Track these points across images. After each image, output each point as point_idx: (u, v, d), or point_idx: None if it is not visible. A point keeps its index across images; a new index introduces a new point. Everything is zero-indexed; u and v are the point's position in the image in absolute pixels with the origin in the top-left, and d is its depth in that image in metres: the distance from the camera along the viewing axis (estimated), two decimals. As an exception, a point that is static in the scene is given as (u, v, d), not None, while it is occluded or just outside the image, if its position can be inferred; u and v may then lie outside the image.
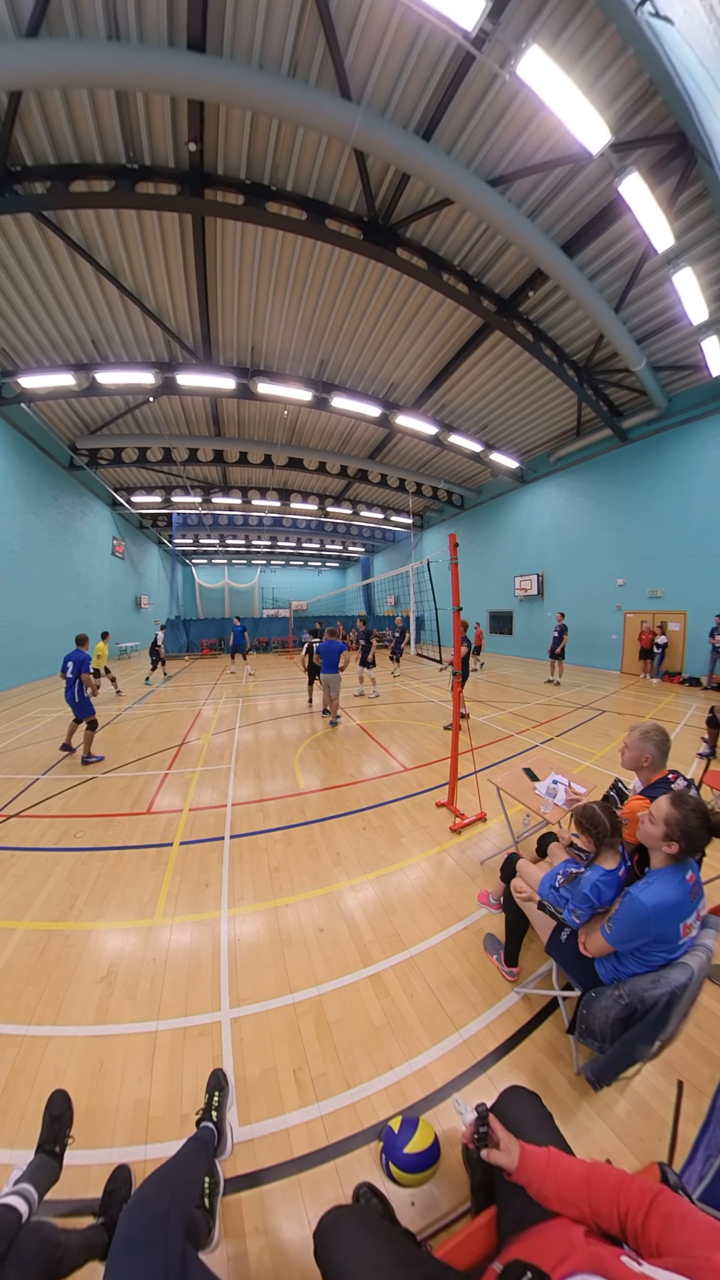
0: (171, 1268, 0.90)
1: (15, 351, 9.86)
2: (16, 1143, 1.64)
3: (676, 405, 11.60)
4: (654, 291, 8.38)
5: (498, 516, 19.26)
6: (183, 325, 9.57)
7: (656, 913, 1.57)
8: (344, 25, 4.98)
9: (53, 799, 4.76)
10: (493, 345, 10.55)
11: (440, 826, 4.06)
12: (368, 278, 8.49)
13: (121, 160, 6.20)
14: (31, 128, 5.75)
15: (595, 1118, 1.73)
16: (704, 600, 11.22)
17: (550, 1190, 0.99)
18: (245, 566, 35.45)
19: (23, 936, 2.72)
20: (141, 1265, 0.91)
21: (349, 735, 7.10)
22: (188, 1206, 1.12)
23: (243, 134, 6.02)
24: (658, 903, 1.58)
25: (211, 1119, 1.58)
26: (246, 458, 16.32)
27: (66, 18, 4.77)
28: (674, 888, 1.60)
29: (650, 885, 1.63)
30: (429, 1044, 2.03)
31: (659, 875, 1.66)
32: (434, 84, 5.49)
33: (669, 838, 1.61)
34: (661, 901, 1.58)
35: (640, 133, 5.74)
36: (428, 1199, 1.51)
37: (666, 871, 1.65)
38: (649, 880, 1.66)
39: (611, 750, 6.07)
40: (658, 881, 1.64)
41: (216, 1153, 1.52)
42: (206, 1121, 1.57)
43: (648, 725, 2.35)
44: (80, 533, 16.24)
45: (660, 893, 1.60)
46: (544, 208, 6.99)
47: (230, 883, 3.27)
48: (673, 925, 1.59)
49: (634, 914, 1.60)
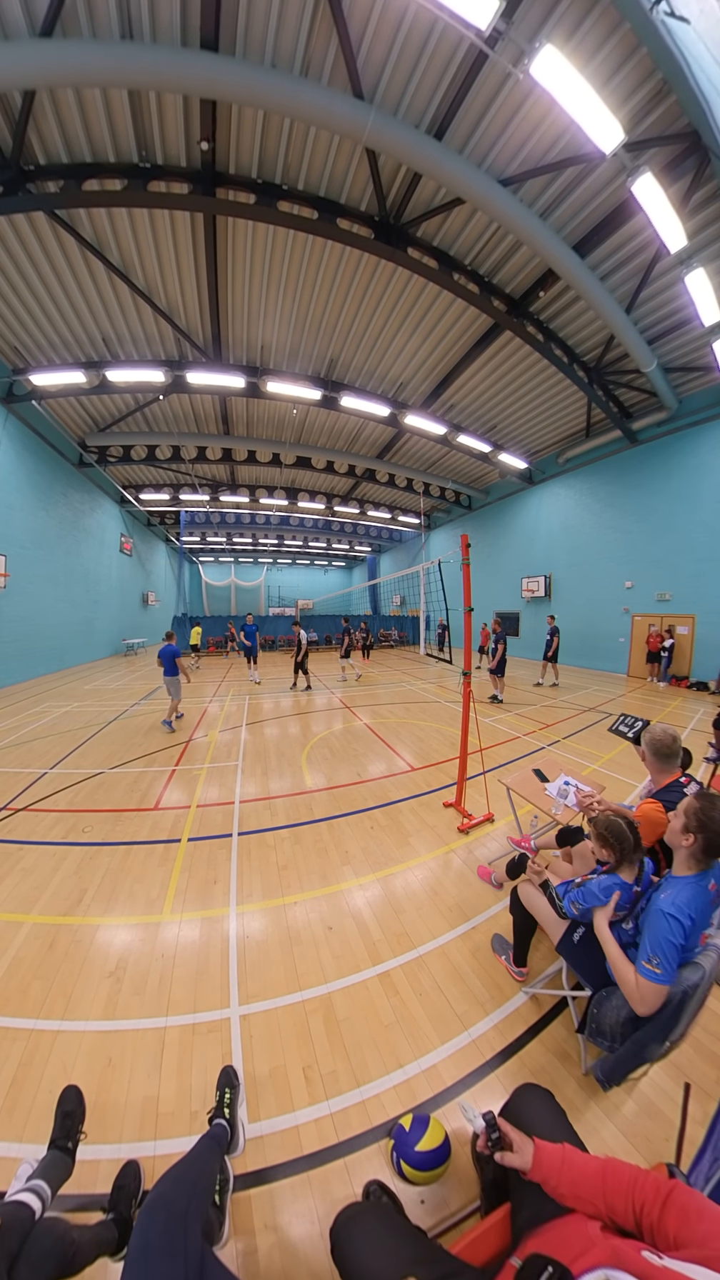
0: (191, 1265, 0.91)
1: (27, 349, 9.94)
2: (24, 1137, 1.65)
3: (687, 407, 11.52)
4: (666, 292, 8.33)
5: (505, 517, 19.20)
6: (193, 324, 9.61)
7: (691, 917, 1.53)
8: (357, 24, 4.98)
9: (60, 793, 4.78)
10: (502, 345, 10.53)
11: (448, 826, 4.05)
12: (378, 277, 8.49)
13: (134, 159, 6.23)
14: (45, 127, 5.80)
15: (603, 1118, 1.73)
16: (713, 604, 11.15)
17: (566, 1187, 0.99)
18: (252, 565, 35.55)
19: (31, 930, 2.74)
20: (163, 1263, 0.92)
21: (356, 735, 7.10)
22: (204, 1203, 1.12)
23: (255, 133, 6.03)
24: (683, 906, 1.55)
25: (224, 1116, 1.58)
26: (255, 456, 16.36)
27: (80, 17, 4.80)
28: (699, 894, 1.57)
29: (675, 893, 1.59)
30: (438, 1043, 2.03)
31: (679, 883, 1.62)
32: (446, 83, 5.49)
33: (687, 829, 1.60)
34: (689, 905, 1.55)
35: (653, 132, 5.71)
36: (437, 1197, 1.51)
37: (690, 879, 1.61)
38: (674, 890, 1.61)
39: (618, 753, 6.04)
40: (679, 888, 1.60)
41: (229, 1150, 1.52)
42: (219, 1119, 1.57)
43: (654, 727, 2.34)
44: (89, 529, 16.33)
45: (687, 899, 1.56)
46: (555, 208, 6.96)
47: (239, 879, 3.27)
48: (696, 935, 1.57)
49: (672, 930, 1.53)
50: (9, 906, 2.96)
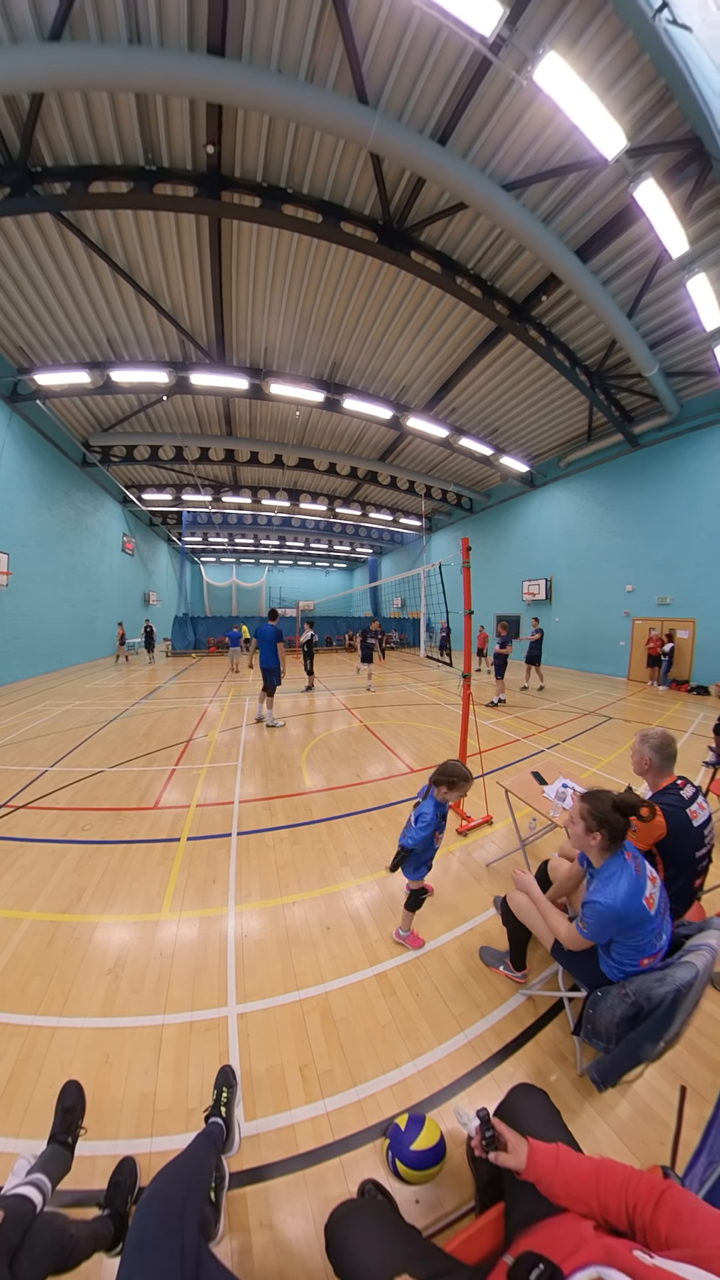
0: (188, 1261, 0.92)
1: (31, 349, 9.99)
2: (22, 1132, 1.65)
3: (689, 411, 11.55)
4: (668, 297, 8.36)
5: (507, 520, 19.23)
6: (197, 325, 9.66)
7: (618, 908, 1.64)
8: (362, 30, 5.02)
9: (61, 791, 4.79)
10: (505, 349, 10.56)
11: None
12: (381, 281, 8.53)
13: (140, 162, 6.28)
14: (52, 129, 5.84)
15: (598, 1119, 1.73)
16: (714, 608, 11.16)
17: (559, 1187, 0.99)
18: (253, 565, 35.59)
19: (30, 927, 2.74)
20: (158, 1259, 0.92)
21: (355, 736, 7.10)
22: (201, 1200, 1.13)
23: (260, 137, 6.07)
24: (612, 900, 1.65)
25: (220, 1115, 1.59)
26: (257, 457, 16.41)
27: (89, 21, 4.85)
28: (621, 877, 1.67)
29: (603, 885, 1.70)
30: (435, 1043, 2.03)
31: (603, 872, 1.73)
32: (450, 89, 5.52)
33: (589, 830, 1.72)
34: (615, 896, 1.65)
35: (656, 138, 5.74)
36: (431, 1196, 1.51)
37: (609, 865, 1.73)
38: (601, 881, 1.72)
39: (617, 756, 6.04)
40: (605, 879, 1.71)
41: (224, 1148, 1.52)
42: (215, 1117, 1.58)
43: (650, 730, 2.35)
44: (91, 529, 16.38)
45: (612, 889, 1.66)
46: (558, 213, 7.00)
47: (237, 879, 3.28)
48: (635, 906, 1.65)
49: (600, 916, 1.67)
50: (8, 903, 2.97)
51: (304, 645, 11.87)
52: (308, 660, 11.90)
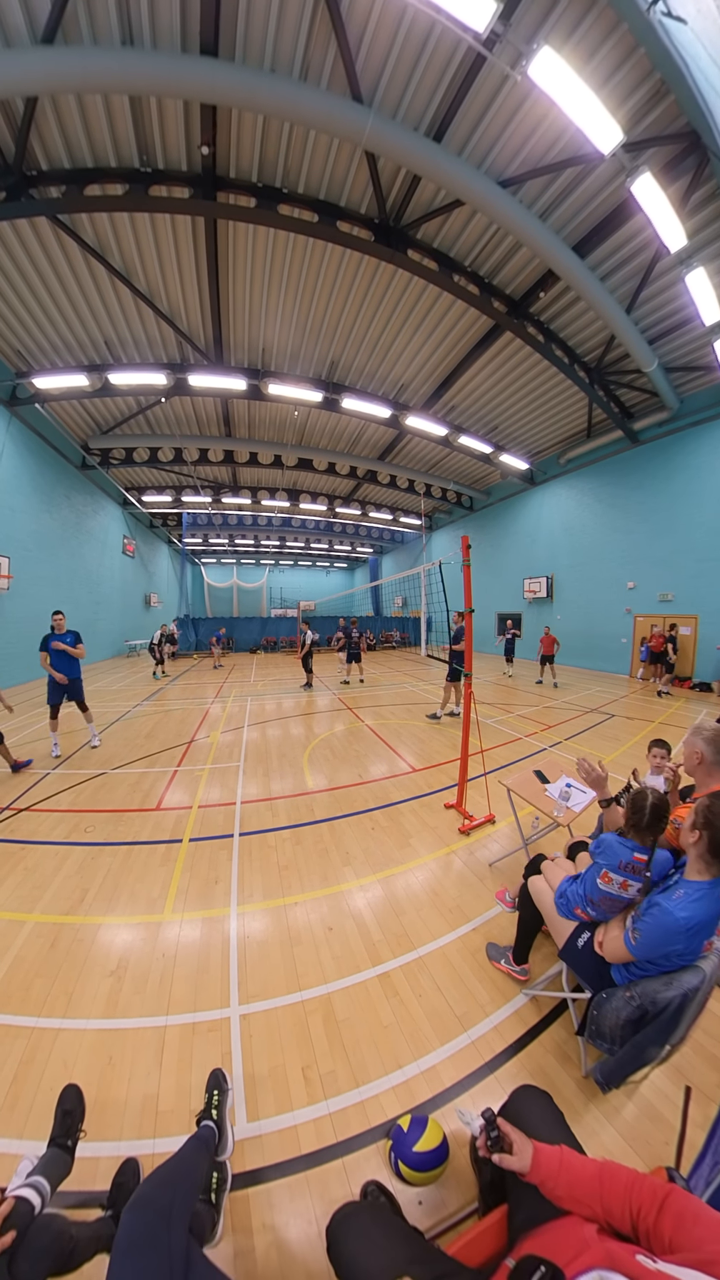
0: (176, 1262, 0.91)
1: (29, 353, 9.99)
2: (25, 1133, 1.65)
3: (688, 407, 11.50)
4: (666, 292, 8.32)
5: (507, 518, 19.19)
6: (194, 327, 9.65)
7: (689, 929, 1.51)
8: (355, 28, 5.01)
9: (63, 793, 4.80)
10: (503, 346, 10.53)
11: (449, 828, 4.05)
12: (378, 279, 8.51)
13: (135, 164, 6.28)
14: (47, 132, 5.84)
15: (603, 1121, 1.72)
16: (715, 604, 11.11)
17: (563, 1189, 0.99)
18: (254, 566, 35.62)
19: (33, 929, 2.75)
20: (145, 1260, 0.92)
21: (357, 736, 7.10)
22: (190, 1202, 1.12)
23: (255, 137, 6.06)
24: (691, 918, 1.51)
25: (211, 1118, 1.58)
26: (256, 458, 16.41)
27: (81, 24, 4.84)
28: (711, 903, 1.53)
29: (688, 899, 1.55)
30: (438, 1044, 2.03)
31: (694, 888, 1.56)
32: (445, 86, 5.50)
33: (694, 825, 1.57)
34: (697, 918, 1.51)
35: (652, 132, 5.71)
36: (434, 1198, 1.51)
37: (703, 885, 1.56)
38: (686, 893, 1.56)
39: (621, 754, 6.03)
40: (694, 895, 1.55)
41: (218, 1151, 1.52)
42: (207, 1120, 1.57)
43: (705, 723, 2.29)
44: (91, 531, 16.39)
45: (696, 908, 1.52)
46: (555, 208, 6.97)
47: (240, 880, 3.28)
48: (699, 942, 1.55)
49: (665, 928, 1.53)
50: (11, 905, 2.97)
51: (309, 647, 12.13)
52: (307, 659, 12.08)
